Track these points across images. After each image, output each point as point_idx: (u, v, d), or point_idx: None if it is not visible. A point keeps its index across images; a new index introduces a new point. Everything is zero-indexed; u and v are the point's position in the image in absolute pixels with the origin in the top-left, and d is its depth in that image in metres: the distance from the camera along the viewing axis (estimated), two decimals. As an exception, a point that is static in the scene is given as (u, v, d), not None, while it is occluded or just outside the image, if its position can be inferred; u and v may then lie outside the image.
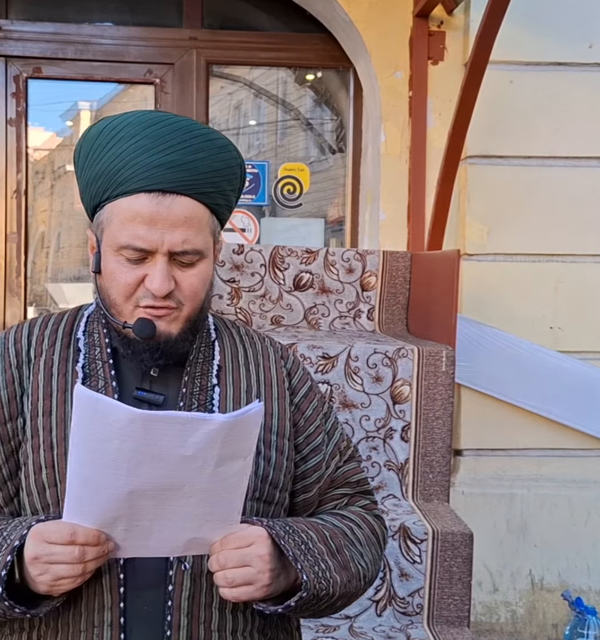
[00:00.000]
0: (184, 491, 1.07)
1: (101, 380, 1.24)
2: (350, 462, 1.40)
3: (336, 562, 1.21)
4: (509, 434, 3.39)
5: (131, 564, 1.18)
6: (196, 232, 1.20)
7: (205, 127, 1.24)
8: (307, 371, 1.40)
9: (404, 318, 3.25)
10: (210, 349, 1.30)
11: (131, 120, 1.20)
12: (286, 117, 4.19)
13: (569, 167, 3.40)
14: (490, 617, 3.36)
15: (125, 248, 1.18)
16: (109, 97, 4.13)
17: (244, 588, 1.11)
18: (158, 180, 1.17)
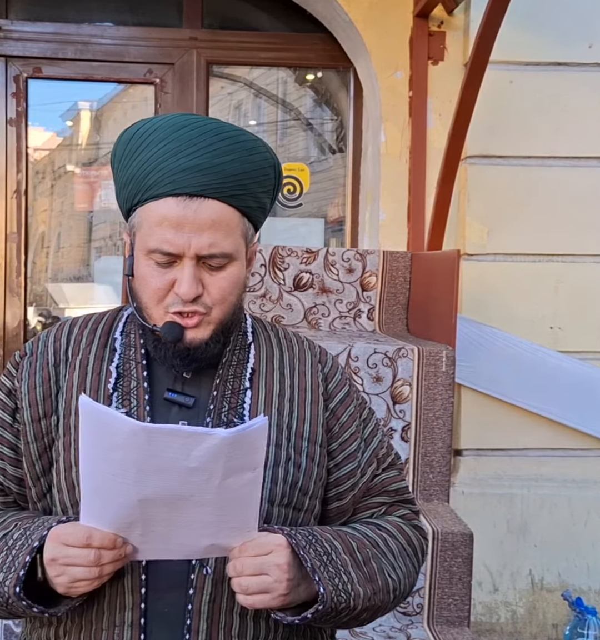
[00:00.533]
0: (194, 501, 1.07)
1: (133, 381, 1.25)
2: (390, 470, 1.37)
3: (361, 574, 1.19)
4: (509, 434, 3.39)
5: (154, 566, 1.18)
6: (224, 235, 1.19)
7: (235, 129, 1.23)
8: (347, 376, 1.37)
9: (404, 318, 3.25)
10: (246, 352, 1.30)
11: (161, 124, 1.20)
12: (286, 117, 4.19)
13: (569, 167, 3.40)
14: (491, 617, 3.36)
15: (153, 252, 1.19)
16: (109, 97, 4.13)
17: (260, 596, 1.11)
18: (185, 184, 1.17)
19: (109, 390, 1.24)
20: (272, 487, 1.22)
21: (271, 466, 1.22)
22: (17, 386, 1.25)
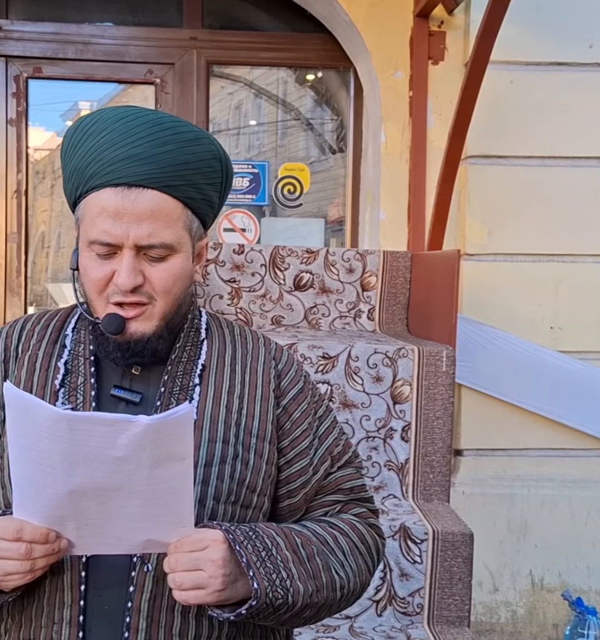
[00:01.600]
0: (125, 492, 1.06)
1: (81, 377, 1.23)
2: (346, 468, 1.36)
3: (303, 570, 1.17)
4: (509, 434, 3.39)
5: (94, 563, 1.16)
6: (164, 225, 1.18)
7: (175, 119, 1.22)
8: (302, 373, 1.36)
9: (404, 318, 3.25)
10: (197, 349, 1.28)
11: (101, 117, 1.20)
12: (286, 117, 4.19)
13: (569, 167, 3.40)
14: (491, 617, 3.36)
15: (93, 243, 1.18)
16: (109, 97, 4.13)
17: (194, 592, 1.09)
18: (123, 174, 1.16)
19: (56, 387, 1.23)
20: (218, 484, 1.20)
21: (217, 463, 1.21)
22: None
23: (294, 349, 2.70)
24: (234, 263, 3.20)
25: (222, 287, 3.19)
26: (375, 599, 2.47)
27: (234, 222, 4.01)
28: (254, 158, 4.15)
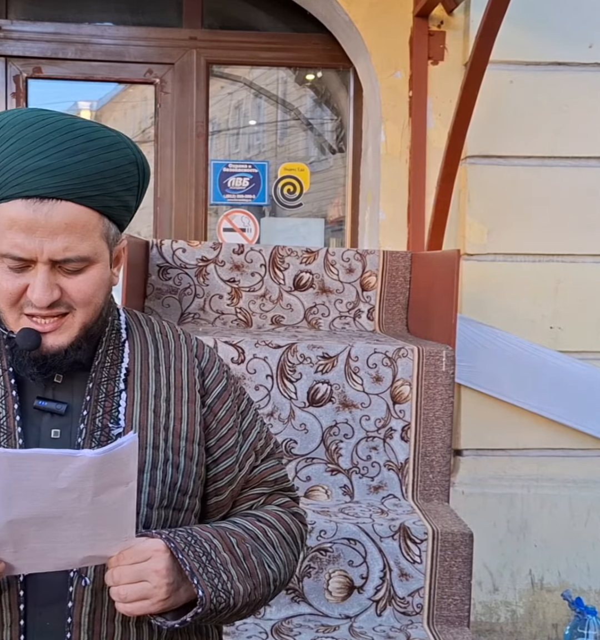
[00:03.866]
0: (65, 518, 1.05)
1: (1, 390, 1.18)
2: (269, 460, 1.37)
3: (241, 570, 1.18)
4: (509, 434, 3.39)
5: (32, 581, 1.14)
6: (80, 238, 1.13)
7: (89, 125, 1.15)
8: (225, 369, 1.34)
9: (404, 318, 3.25)
10: (120, 351, 1.25)
11: (8, 121, 1.13)
12: (286, 117, 4.19)
13: (569, 167, 3.40)
14: (490, 617, 3.36)
15: (5, 256, 1.12)
16: (109, 97, 4.13)
17: (139, 603, 1.09)
18: (34, 186, 1.10)
19: None
20: (150, 490, 1.19)
21: (149, 469, 1.20)
22: None
23: (294, 349, 2.70)
24: (234, 263, 3.20)
25: (221, 287, 3.19)
26: (375, 599, 2.47)
27: (233, 222, 4.01)
28: (254, 158, 4.15)
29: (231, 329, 3.07)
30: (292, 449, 2.70)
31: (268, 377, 2.69)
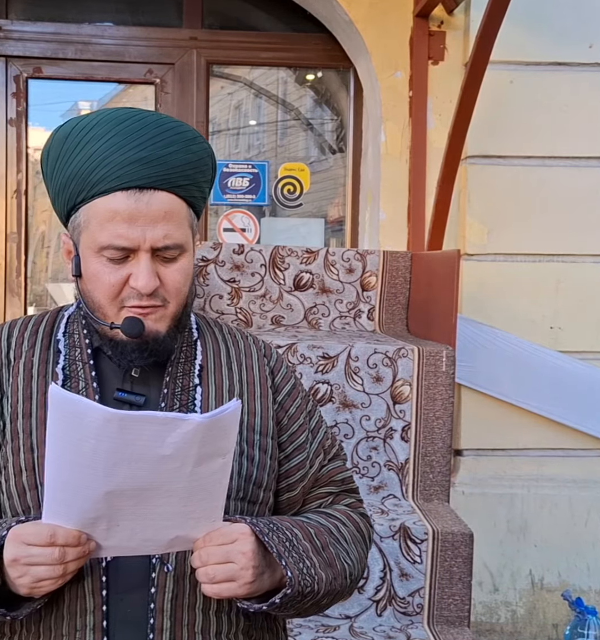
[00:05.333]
0: (163, 491, 1.06)
1: (82, 382, 1.23)
2: (335, 461, 1.39)
3: (321, 559, 1.20)
4: (509, 434, 3.39)
5: (114, 567, 1.16)
6: (176, 226, 1.19)
7: (173, 120, 1.24)
8: (291, 369, 1.39)
9: (404, 318, 3.25)
10: (193, 349, 1.29)
11: (100, 120, 1.19)
12: (286, 117, 4.19)
13: (569, 167, 3.40)
14: (491, 617, 3.36)
15: (106, 248, 1.17)
16: (109, 97, 4.13)
17: (226, 584, 1.10)
18: (134, 177, 1.16)
19: None
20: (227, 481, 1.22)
21: None
22: None
23: (294, 349, 2.70)
24: (234, 263, 3.20)
25: (221, 287, 3.19)
26: (375, 599, 2.47)
27: (233, 222, 4.01)
28: (254, 158, 4.15)
29: (231, 329, 3.07)
30: (292, 449, 2.70)
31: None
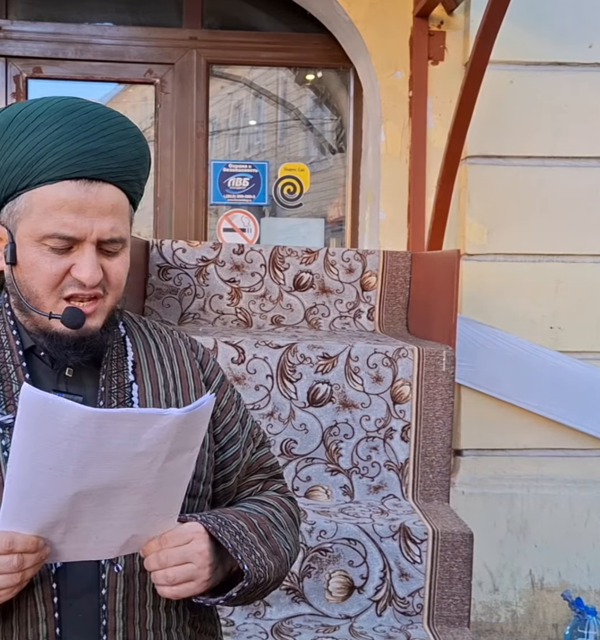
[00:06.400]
0: (130, 488, 1.05)
1: (15, 385, 1.18)
2: (262, 448, 1.42)
3: (267, 548, 1.22)
4: (509, 434, 3.39)
5: (63, 572, 1.14)
6: (121, 220, 1.19)
7: (120, 115, 1.23)
8: (217, 362, 1.39)
9: (404, 318, 3.25)
10: (122, 345, 1.28)
11: (47, 108, 1.17)
12: (286, 117, 4.19)
13: (569, 167, 3.40)
14: (491, 617, 3.36)
15: (50, 237, 1.14)
16: (109, 97, 4.13)
17: (185, 585, 1.11)
18: (84, 167, 1.14)
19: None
20: None
21: None
22: None
23: (294, 349, 2.70)
24: (234, 263, 3.20)
25: (221, 287, 3.19)
26: (375, 599, 2.47)
27: (233, 222, 4.01)
28: (254, 158, 4.15)
29: (231, 329, 3.07)
30: (292, 449, 2.70)
31: (268, 377, 2.69)
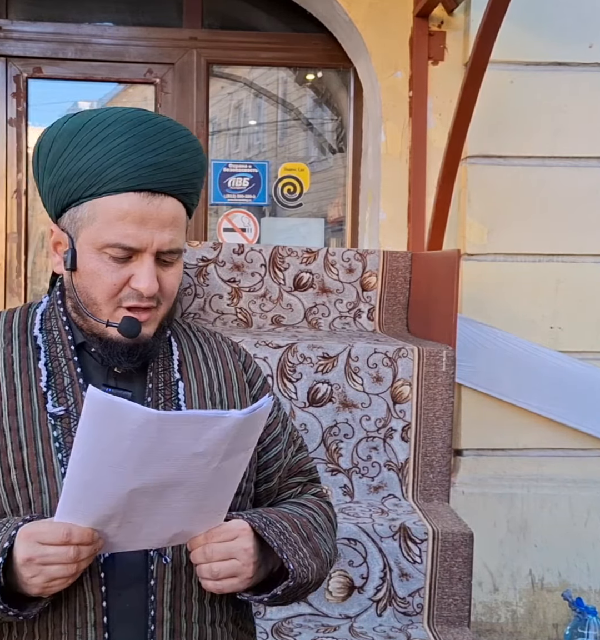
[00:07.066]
0: (184, 486, 1.07)
1: (67, 378, 1.22)
2: (301, 451, 1.43)
3: (309, 549, 1.23)
4: (509, 434, 3.39)
5: (111, 562, 1.17)
6: (180, 232, 1.22)
7: (184, 128, 1.26)
8: (258, 365, 1.42)
9: (404, 318, 3.25)
10: (168, 345, 1.31)
11: (118, 117, 1.19)
12: (286, 117, 4.19)
13: (569, 167, 3.40)
14: (491, 617, 3.36)
15: (112, 247, 1.17)
16: (109, 97, 4.13)
17: (229, 581, 1.13)
18: (148, 180, 1.17)
19: (42, 389, 1.21)
20: None
21: None
22: None
23: (294, 349, 2.70)
24: (234, 263, 3.20)
25: (222, 287, 3.19)
26: (375, 599, 2.47)
27: (233, 222, 4.01)
28: (254, 158, 4.15)
29: (231, 329, 3.07)
30: (292, 449, 2.70)
31: (268, 377, 2.69)
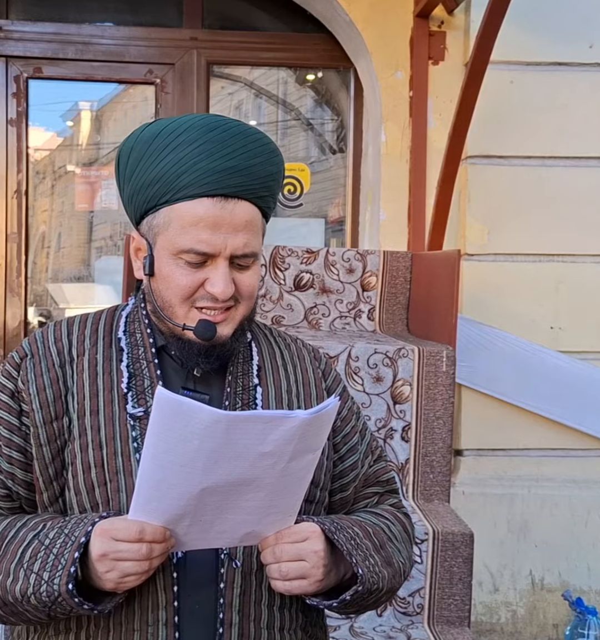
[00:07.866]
0: (253, 486, 1.09)
1: (147, 380, 1.25)
2: (380, 462, 1.43)
3: (381, 557, 1.23)
4: (509, 434, 3.39)
5: (182, 563, 1.19)
6: (254, 235, 1.23)
7: (258, 131, 1.26)
8: (338, 373, 1.42)
9: (404, 318, 3.25)
10: (248, 350, 1.32)
11: (191, 124, 1.21)
12: (287, 117, 4.19)
13: (569, 167, 3.40)
14: (491, 617, 3.36)
15: (187, 252, 1.20)
16: (110, 97, 4.13)
17: (297, 582, 1.14)
18: (221, 185, 1.19)
19: (122, 390, 1.24)
20: None
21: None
22: (22, 388, 1.23)
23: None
24: (234, 263, 3.20)
25: (222, 287, 3.18)
26: (376, 599, 2.47)
27: (234, 222, 4.00)
28: (254, 158, 4.14)
29: (231, 329, 3.07)
30: (292, 449, 2.70)
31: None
